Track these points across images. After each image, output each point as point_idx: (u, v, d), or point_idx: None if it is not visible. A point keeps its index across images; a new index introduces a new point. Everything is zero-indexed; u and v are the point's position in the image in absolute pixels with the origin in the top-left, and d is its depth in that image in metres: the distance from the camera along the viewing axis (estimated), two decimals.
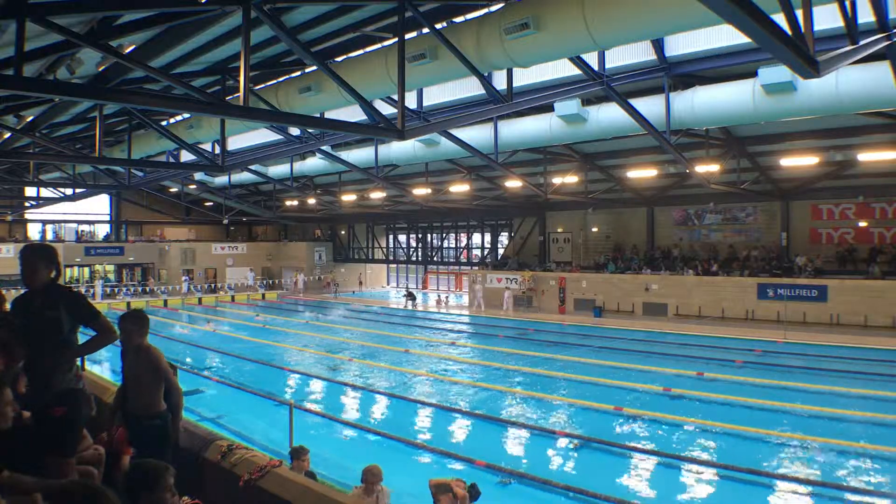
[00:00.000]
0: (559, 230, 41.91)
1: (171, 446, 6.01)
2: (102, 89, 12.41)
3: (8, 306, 6.38)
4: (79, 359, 7.36)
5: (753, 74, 16.47)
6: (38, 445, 4.54)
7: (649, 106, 18.80)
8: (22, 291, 5.64)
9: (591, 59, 16.71)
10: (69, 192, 34.24)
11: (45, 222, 50.70)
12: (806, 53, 6.14)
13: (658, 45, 17.05)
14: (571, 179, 31.66)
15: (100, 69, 12.35)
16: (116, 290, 47.38)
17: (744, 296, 30.41)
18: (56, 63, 11.53)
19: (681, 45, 17.06)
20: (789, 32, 5.88)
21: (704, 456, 13.05)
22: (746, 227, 33.96)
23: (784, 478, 11.85)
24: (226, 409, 16.56)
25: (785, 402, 16.43)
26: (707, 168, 24.90)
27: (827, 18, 11.44)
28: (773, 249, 32.21)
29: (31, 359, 5.13)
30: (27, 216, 48.71)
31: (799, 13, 6.14)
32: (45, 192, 37.31)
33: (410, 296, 43.83)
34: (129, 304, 43.90)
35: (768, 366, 21.23)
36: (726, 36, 15.73)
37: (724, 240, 34.60)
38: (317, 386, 20.21)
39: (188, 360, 23.58)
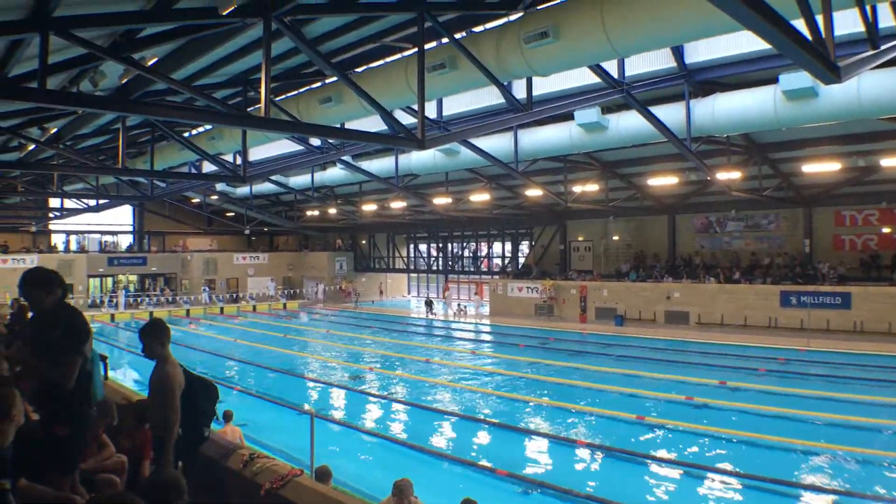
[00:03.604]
0: (580, 238, 41.78)
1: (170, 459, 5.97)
2: (125, 101, 12.55)
3: (29, 315, 6.40)
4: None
5: (774, 80, 16.37)
6: (39, 462, 4.53)
7: (669, 113, 18.75)
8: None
9: (611, 67, 16.72)
10: (92, 203, 34.57)
11: (68, 233, 51.18)
12: (827, 59, 6.12)
13: (678, 53, 17.04)
14: (592, 188, 31.57)
15: (122, 81, 12.48)
16: (139, 299, 47.72)
17: (766, 304, 30.14)
18: (79, 76, 11.67)
19: (701, 51, 17.04)
20: (810, 38, 5.86)
21: (727, 465, 12.95)
22: (769, 235, 33.65)
23: (809, 487, 11.76)
24: (247, 418, 16.60)
25: (808, 411, 16.28)
26: (728, 175, 24.78)
27: (847, 23, 11.36)
28: (795, 256, 31.90)
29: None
30: (51, 227, 49.18)
31: (819, 18, 6.12)
32: (69, 203, 37.70)
33: (429, 303, 44.04)
34: (151, 313, 44.22)
35: (791, 374, 21.09)
36: (747, 42, 15.70)
37: (746, 247, 34.30)
38: (337, 395, 20.25)
39: (208, 368, 23.66)
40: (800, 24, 5.74)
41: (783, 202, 31.06)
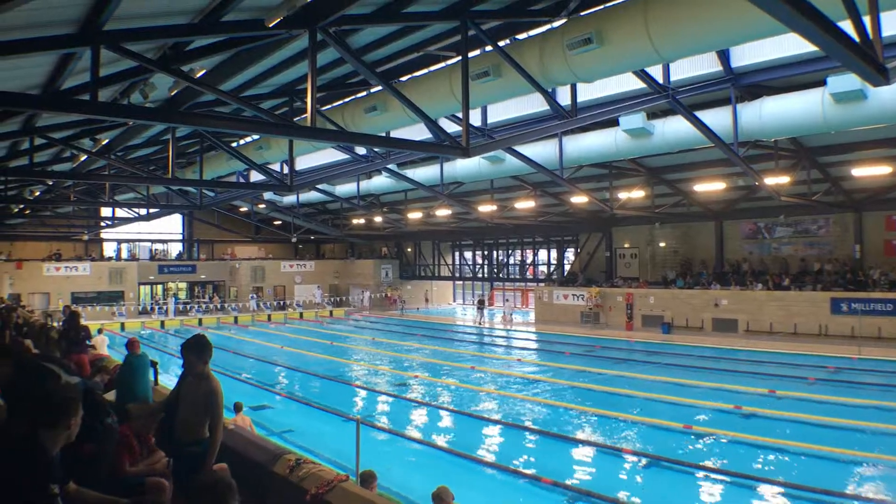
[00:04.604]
0: (626, 245, 41.49)
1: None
2: (175, 113, 12.79)
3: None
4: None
5: (822, 83, 16.15)
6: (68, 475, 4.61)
7: (716, 118, 18.57)
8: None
9: (656, 71, 16.62)
10: (143, 212, 35.17)
11: (119, 241, 52.22)
12: (875, 60, 6.02)
13: (723, 56, 16.89)
14: (638, 194, 31.35)
15: (172, 93, 12.71)
16: (189, 306, 48.48)
17: (816, 311, 29.60)
18: (130, 88, 11.91)
19: (747, 55, 16.86)
20: (857, 39, 5.79)
21: (776, 476, 12.74)
22: (818, 240, 33.06)
23: (859, 498, 11.53)
24: (293, 424, 16.77)
25: (859, 421, 15.96)
26: (776, 180, 24.43)
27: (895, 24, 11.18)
28: (846, 262, 31.31)
29: None
30: (103, 235, 50.20)
31: (866, 19, 6.03)
32: (120, 213, 38.42)
33: (481, 303, 44.19)
34: (200, 320, 44.94)
35: (842, 383, 20.68)
36: (793, 45, 15.50)
37: (795, 253, 33.74)
38: (383, 402, 20.32)
39: (256, 375, 23.95)
40: (846, 26, 5.67)
41: (832, 207, 30.48)
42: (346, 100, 16.71)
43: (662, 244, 39.25)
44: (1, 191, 24.09)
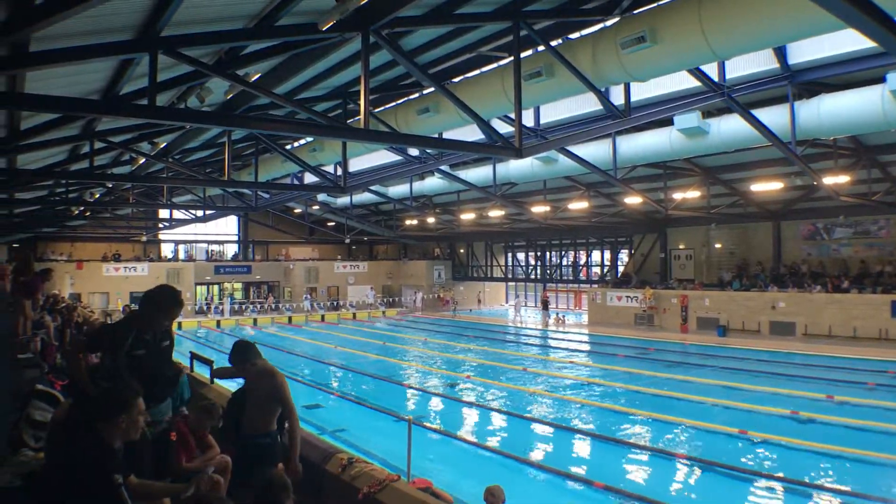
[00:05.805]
0: (681, 246, 40.95)
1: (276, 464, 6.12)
2: (230, 116, 12.99)
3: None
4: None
5: (882, 80, 15.80)
6: (146, 463, 4.72)
7: (773, 116, 18.29)
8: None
9: (711, 69, 16.43)
10: (199, 213, 35.76)
11: (177, 242, 53.16)
12: None
13: (780, 53, 16.63)
14: (693, 194, 30.98)
15: (227, 97, 12.91)
16: (244, 306, 49.21)
17: (877, 314, 28.84)
18: (186, 92, 12.11)
19: (804, 51, 16.57)
20: None
21: (834, 483, 12.48)
22: (879, 241, 32.19)
23: None
24: (345, 423, 16.89)
25: None
26: (835, 179, 23.91)
27: None
28: None
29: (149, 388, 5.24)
30: (160, 237, 51.17)
31: None
32: (178, 214, 39.15)
33: (544, 304, 44.34)
34: (255, 320, 45.60)
35: None
36: (851, 41, 15.18)
37: (855, 255, 32.89)
38: (434, 402, 20.37)
39: (309, 374, 24.19)
40: None
41: (894, 207, 29.72)
42: (399, 101, 16.81)
43: (718, 245, 38.65)
44: (62, 193, 24.68)
